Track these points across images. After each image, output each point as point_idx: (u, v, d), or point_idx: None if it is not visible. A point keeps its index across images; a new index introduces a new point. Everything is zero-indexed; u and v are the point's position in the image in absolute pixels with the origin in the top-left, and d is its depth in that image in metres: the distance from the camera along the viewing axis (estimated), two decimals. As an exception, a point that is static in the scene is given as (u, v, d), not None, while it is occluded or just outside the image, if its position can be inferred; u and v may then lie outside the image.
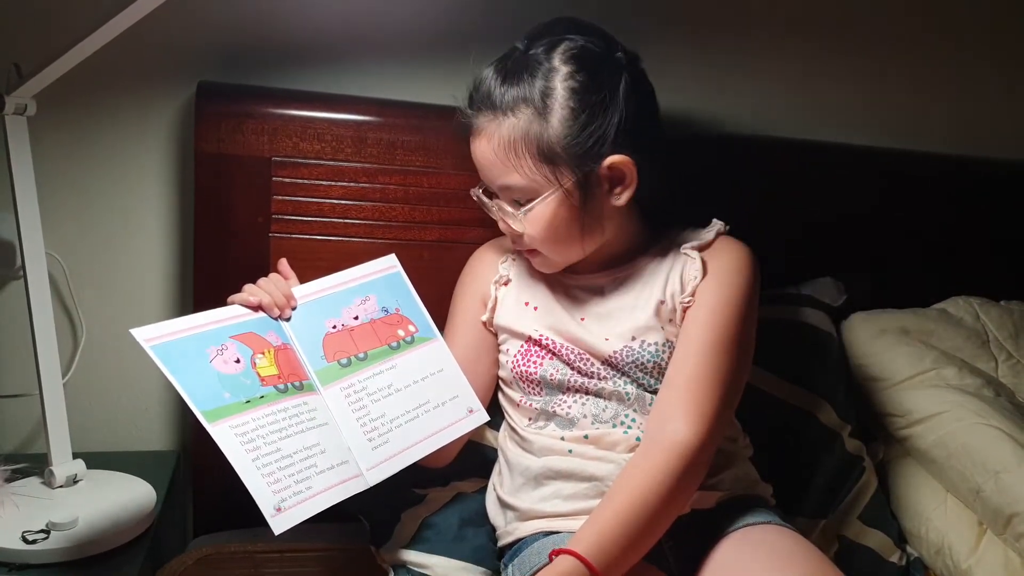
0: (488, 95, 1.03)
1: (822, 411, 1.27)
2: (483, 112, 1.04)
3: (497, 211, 1.08)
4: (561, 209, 1.04)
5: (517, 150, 1.02)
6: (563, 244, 1.07)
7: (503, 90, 1.02)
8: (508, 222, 1.07)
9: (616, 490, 0.96)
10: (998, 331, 1.41)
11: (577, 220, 1.05)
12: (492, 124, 1.03)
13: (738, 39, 1.42)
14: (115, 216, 1.28)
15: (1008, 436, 1.17)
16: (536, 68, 1.02)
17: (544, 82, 1.01)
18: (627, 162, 1.03)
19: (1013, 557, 1.13)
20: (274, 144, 1.20)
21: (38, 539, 1.01)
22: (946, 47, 1.51)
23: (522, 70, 1.02)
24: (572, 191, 1.03)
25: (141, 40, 1.12)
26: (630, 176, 1.04)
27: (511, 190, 1.05)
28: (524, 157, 1.02)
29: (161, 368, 0.89)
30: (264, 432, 0.92)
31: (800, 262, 1.38)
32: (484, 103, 1.04)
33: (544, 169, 1.02)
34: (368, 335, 1.07)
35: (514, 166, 1.02)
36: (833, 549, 1.21)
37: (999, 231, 1.52)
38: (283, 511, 0.89)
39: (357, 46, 1.29)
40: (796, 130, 1.45)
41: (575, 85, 1.01)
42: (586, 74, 1.01)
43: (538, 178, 1.02)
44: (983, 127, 1.55)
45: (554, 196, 1.03)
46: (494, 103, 1.02)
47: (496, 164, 1.03)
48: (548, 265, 1.11)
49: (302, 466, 0.93)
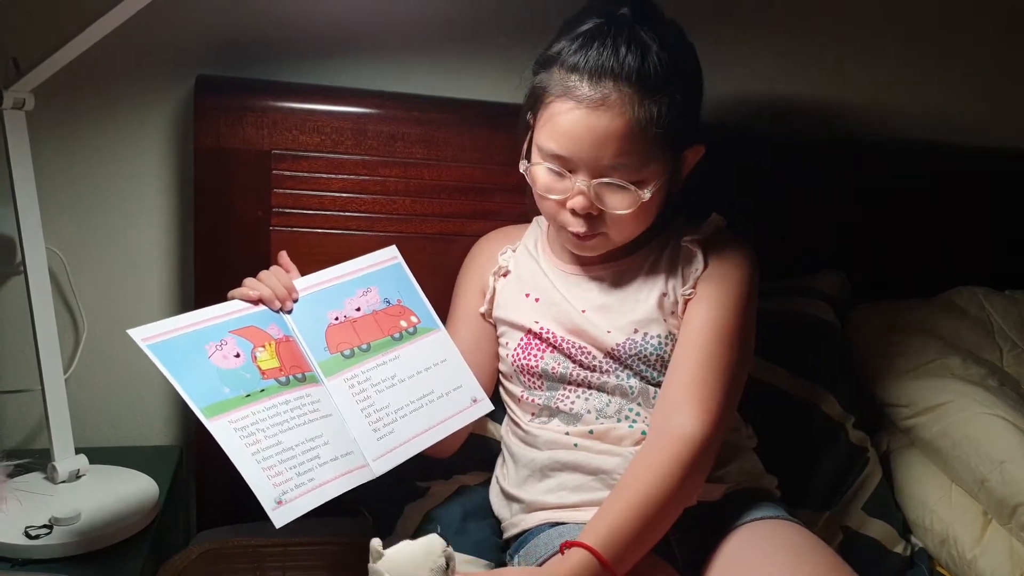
0: (615, 66, 0.97)
1: (826, 402, 1.27)
2: (605, 82, 0.97)
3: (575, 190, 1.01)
4: (661, 191, 1.04)
5: (647, 128, 0.98)
6: (640, 227, 1.07)
7: (632, 62, 0.97)
8: (603, 203, 1.02)
9: (625, 483, 0.96)
10: (1003, 321, 1.41)
11: (661, 202, 1.06)
12: (622, 98, 0.97)
13: (727, 28, 1.40)
14: (115, 210, 1.27)
15: (1013, 426, 1.17)
16: (652, 44, 0.98)
17: (668, 60, 0.98)
18: (701, 150, 1.07)
19: (1018, 547, 1.13)
20: (274, 137, 1.19)
21: (41, 534, 1.01)
22: (937, 37, 1.50)
23: (641, 42, 0.98)
24: (668, 173, 1.04)
25: (139, 34, 1.12)
26: (691, 164, 1.07)
27: (621, 169, 1.00)
28: (650, 136, 0.98)
29: (159, 367, 0.89)
30: (265, 425, 0.91)
31: (803, 254, 1.38)
32: (607, 73, 0.97)
33: (663, 149, 1.01)
34: (371, 326, 1.07)
35: (639, 144, 0.99)
36: (837, 540, 1.21)
37: (1003, 221, 1.52)
38: (284, 504, 0.88)
39: (357, 38, 1.29)
40: (796, 122, 1.45)
41: (690, 68, 1.03)
42: (692, 57, 1.04)
43: (658, 157, 1.01)
44: (988, 115, 1.54)
45: (664, 178, 1.03)
46: (623, 75, 0.97)
47: (618, 140, 0.98)
48: (603, 247, 1.08)
49: (304, 458, 0.92)
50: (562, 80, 0.99)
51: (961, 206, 1.49)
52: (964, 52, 1.51)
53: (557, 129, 1.00)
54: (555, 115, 1.00)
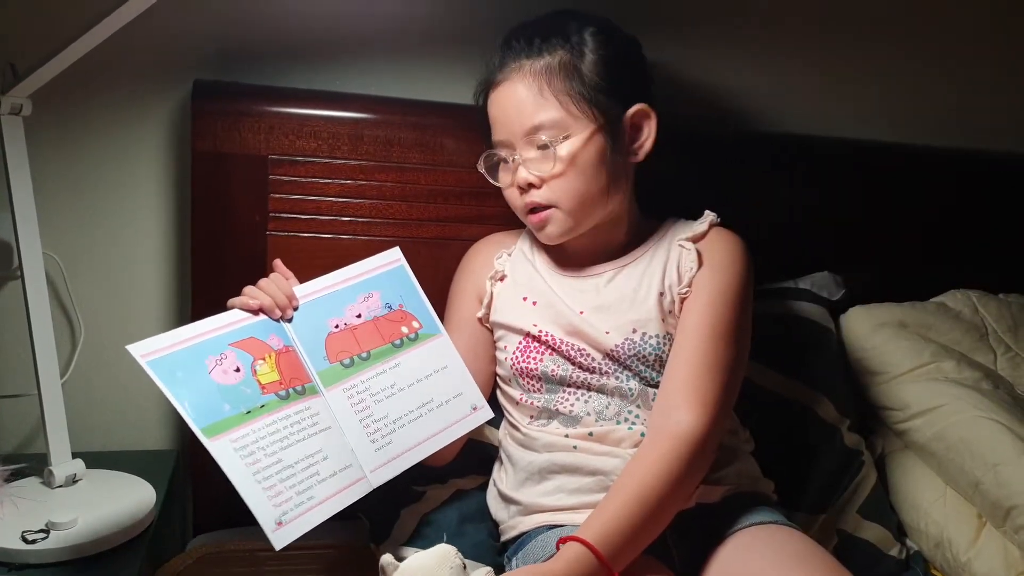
0: (521, 43, 1.07)
1: (821, 405, 1.27)
2: (513, 60, 1.07)
3: (514, 166, 1.08)
4: (591, 148, 1.05)
5: (552, 82, 1.05)
6: (586, 195, 1.07)
7: (538, 39, 1.06)
8: (530, 168, 1.07)
9: (623, 480, 0.97)
10: (997, 324, 1.41)
11: (605, 165, 1.07)
12: (526, 64, 1.06)
13: (723, 32, 1.41)
14: (112, 215, 1.27)
15: (1007, 429, 1.17)
16: (565, 25, 1.07)
17: (576, 34, 1.07)
18: (648, 111, 1.08)
19: (1012, 550, 1.13)
20: (271, 142, 1.19)
21: (38, 539, 1.00)
22: (941, 39, 1.51)
23: (552, 25, 1.08)
24: (602, 132, 1.05)
25: (137, 39, 1.12)
26: (648, 129, 1.09)
27: (541, 129, 1.05)
28: (559, 90, 1.04)
29: (159, 385, 0.88)
30: (265, 443, 0.91)
31: (798, 256, 1.38)
32: (516, 51, 1.07)
33: (579, 103, 1.04)
34: (371, 333, 1.06)
35: (549, 99, 1.04)
36: (832, 543, 1.21)
37: (998, 224, 1.52)
38: (284, 525, 0.89)
39: (353, 43, 1.29)
40: (789, 124, 1.45)
41: (603, 38, 1.07)
42: (610, 34, 1.09)
43: (573, 110, 1.04)
44: (982, 119, 1.55)
45: (586, 133, 1.05)
46: (528, 47, 1.06)
47: (528, 101, 1.05)
48: (560, 227, 1.09)
49: (304, 475, 0.92)
50: (486, 81, 1.11)
51: (956, 209, 1.49)
52: (964, 52, 1.52)
53: (491, 119, 1.10)
54: (488, 109, 1.11)
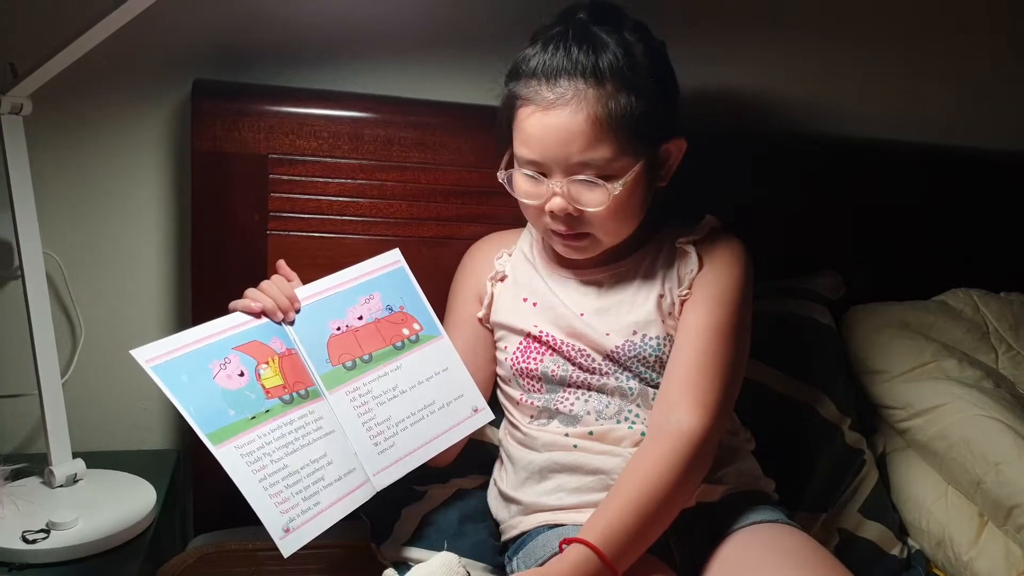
0: (568, 65, 0.99)
1: (822, 404, 1.27)
2: (560, 82, 0.99)
3: (548, 192, 1.02)
4: (638, 186, 1.04)
5: (610, 122, 0.98)
6: (624, 224, 1.07)
7: (585, 60, 0.98)
8: (572, 201, 1.02)
9: (625, 480, 0.97)
10: (998, 323, 1.41)
11: (643, 198, 1.06)
12: (577, 95, 0.98)
13: (725, 28, 1.40)
14: (112, 214, 1.27)
15: (1008, 428, 1.17)
16: (609, 41, 0.99)
17: (627, 54, 0.99)
18: (683, 145, 1.06)
19: (1014, 548, 1.13)
20: (270, 141, 1.19)
21: (38, 539, 1.01)
22: (944, 38, 1.51)
23: (596, 41, 0.99)
24: (644, 165, 1.03)
25: (136, 38, 1.12)
26: (674, 159, 1.07)
27: (591, 166, 1.00)
28: (615, 129, 0.99)
29: (164, 390, 0.88)
30: (270, 449, 0.91)
31: (799, 255, 1.38)
32: (562, 73, 0.99)
33: (632, 141, 1.00)
34: (373, 336, 1.06)
35: (604, 139, 0.99)
36: (833, 542, 1.21)
37: (998, 223, 1.52)
38: (292, 531, 0.89)
39: (353, 42, 1.29)
40: (791, 123, 1.45)
41: (654, 62, 1.02)
42: (656, 51, 1.04)
43: (626, 148, 1.00)
44: (982, 117, 1.54)
45: (635, 172, 1.02)
46: (577, 72, 0.98)
47: (581, 136, 0.99)
48: (593, 249, 1.08)
49: (309, 481, 0.92)
50: (525, 86, 1.02)
51: (956, 208, 1.49)
52: (963, 52, 1.52)
53: (525, 135, 1.02)
54: (522, 121, 1.03)
